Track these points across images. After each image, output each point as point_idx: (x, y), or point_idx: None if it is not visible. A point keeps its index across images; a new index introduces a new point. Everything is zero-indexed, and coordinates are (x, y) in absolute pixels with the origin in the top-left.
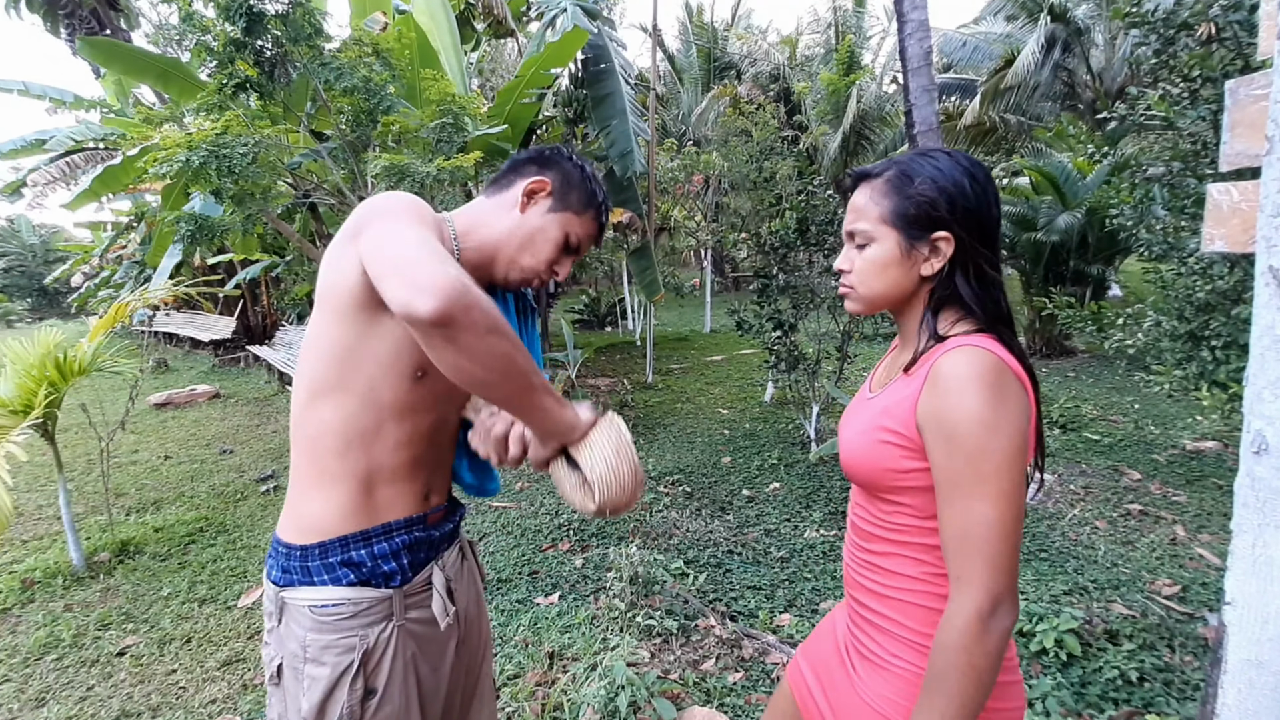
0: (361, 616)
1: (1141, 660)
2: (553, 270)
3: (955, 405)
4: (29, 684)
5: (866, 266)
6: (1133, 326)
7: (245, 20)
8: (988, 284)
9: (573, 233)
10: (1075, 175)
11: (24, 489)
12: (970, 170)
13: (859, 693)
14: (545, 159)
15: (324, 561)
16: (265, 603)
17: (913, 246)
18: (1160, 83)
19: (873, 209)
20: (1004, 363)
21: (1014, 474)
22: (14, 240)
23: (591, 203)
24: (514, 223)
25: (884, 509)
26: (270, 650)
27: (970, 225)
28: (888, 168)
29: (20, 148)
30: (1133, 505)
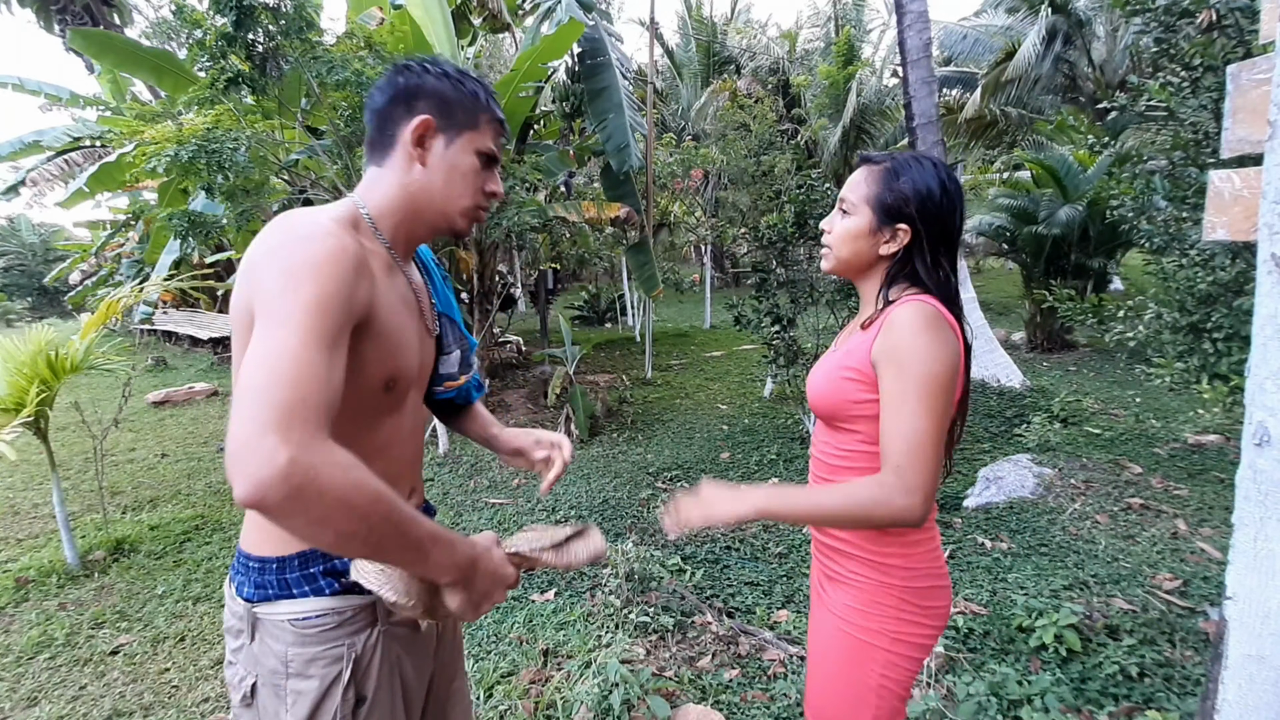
0: (347, 625)
1: (1142, 656)
2: (489, 194)
3: (905, 342)
4: (21, 683)
5: (842, 233)
6: (1133, 319)
7: (236, 13)
8: (941, 271)
9: (481, 148)
10: (1076, 168)
11: (20, 487)
12: (945, 182)
13: (826, 607)
14: (409, 93)
15: (304, 572)
16: (229, 620)
17: (879, 228)
18: (1161, 72)
19: (862, 188)
20: (942, 315)
21: (945, 398)
22: (13, 239)
23: (478, 105)
24: (422, 178)
25: (841, 438)
26: (239, 670)
27: (930, 224)
28: (886, 160)
29: (19, 149)
30: (1134, 499)
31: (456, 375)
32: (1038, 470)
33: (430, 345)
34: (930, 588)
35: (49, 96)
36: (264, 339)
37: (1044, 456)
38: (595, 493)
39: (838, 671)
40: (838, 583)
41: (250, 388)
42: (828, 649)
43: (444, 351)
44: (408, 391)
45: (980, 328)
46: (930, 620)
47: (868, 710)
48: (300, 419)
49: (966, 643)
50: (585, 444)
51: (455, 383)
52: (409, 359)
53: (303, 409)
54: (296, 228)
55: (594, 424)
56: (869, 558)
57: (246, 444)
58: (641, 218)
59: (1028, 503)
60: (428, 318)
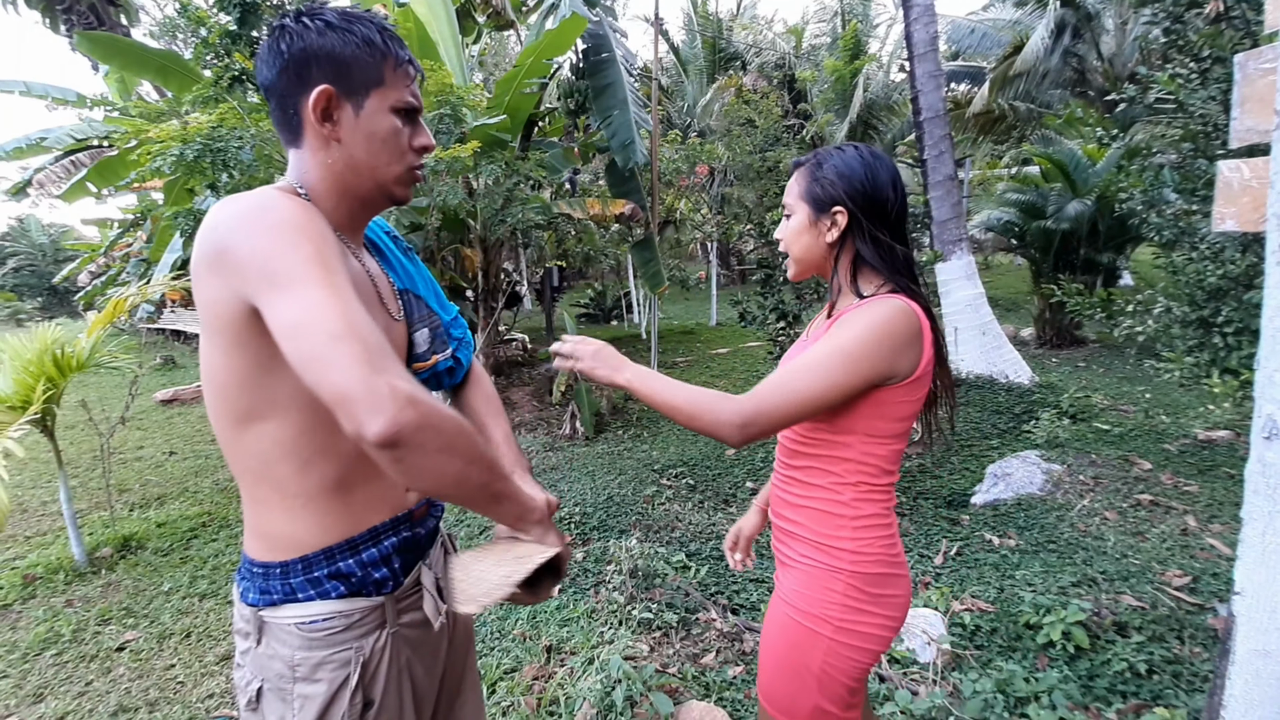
0: (355, 628)
1: (1151, 653)
2: (419, 150)
3: (849, 319)
4: (27, 679)
5: (790, 234)
6: (1143, 314)
7: (240, 11)
8: (882, 247)
9: (395, 101)
10: (1085, 162)
11: (28, 485)
12: (868, 161)
13: (778, 594)
14: (296, 61)
15: (308, 576)
16: (238, 623)
17: (817, 218)
18: (1170, 63)
19: (795, 188)
20: (910, 309)
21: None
22: (23, 240)
23: (375, 53)
24: (342, 154)
25: (803, 428)
26: (245, 673)
27: (862, 203)
28: (811, 158)
29: (24, 147)
30: (1143, 495)
31: (426, 355)
32: (1046, 467)
33: (399, 330)
34: (882, 575)
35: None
36: (292, 303)
37: (1053, 453)
38: (600, 490)
39: (783, 658)
40: (787, 567)
41: (326, 338)
42: (774, 634)
43: (411, 330)
44: None
45: (988, 324)
46: (881, 610)
47: (809, 699)
48: (388, 357)
49: (973, 639)
50: (590, 441)
51: (425, 364)
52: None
53: (381, 350)
54: (256, 198)
55: (599, 421)
56: (817, 540)
57: (364, 385)
58: (646, 214)
59: (1036, 499)
60: (389, 304)
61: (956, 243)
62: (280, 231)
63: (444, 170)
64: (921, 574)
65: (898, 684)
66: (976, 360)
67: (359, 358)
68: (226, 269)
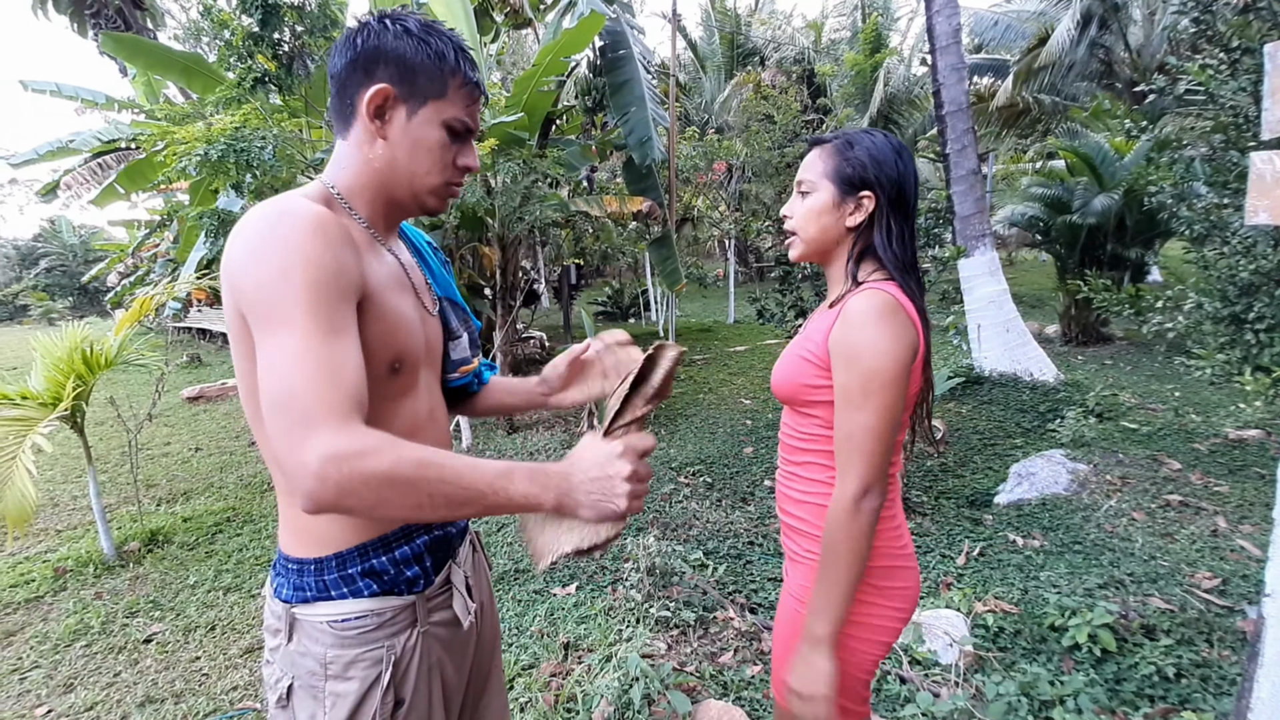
0: (387, 627)
1: (1179, 656)
2: (462, 168)
3: (857, 335)
4: (58, 670)
5: (806, 213)
6: (1172, 310)
7: (262, 13)
8: (896, 238)
9: (451, 118)
10: (1112, 156)
11: (59, 480)
12: (898, 149)
13: (786, 589)
14: (367, 56)
15: (342, 574)
16: (269, 619)
17: (843, 199)
18: (1200, 53)
19: (819, 165)
20: (899, 303)
21: (893, 392)
22: (55, 241)
23: (444, 68)
24: (386, 153)
25: (801, 422)
26: (275, 670)
27: (890, 190)
28: (836, 137)
29: (55, 150)
30: (1172, 496)
31: (469, 359)
32: (1072, 466)
33: (434, 325)
34: (889, 568)
35: (85, 101)
36: (267, 347)
37: (1078, 452)
38: None
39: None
40: (796, 563)
41: (271, 404)
42: (786, 632)
43: (453, 336)
44: (417, 373)
45: (1012, 321)
46: (890, 602)
47: None
48: (322, 419)
49: (996, 641)
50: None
51: (469, 367)
52: (412, 338)
53: (322, 408)
54: (267, 215)
55: None
56: (819, 534)
57: (286, 462)
58: (664, 212)
59: (1061, 499)
60: (424, 296)
61: (979, 238)
62: (278, 259)
63: None
64: (943, 574)
65: (919, 685)
66: (1000, 358)
67: (292, 430)
68: (234, 291)
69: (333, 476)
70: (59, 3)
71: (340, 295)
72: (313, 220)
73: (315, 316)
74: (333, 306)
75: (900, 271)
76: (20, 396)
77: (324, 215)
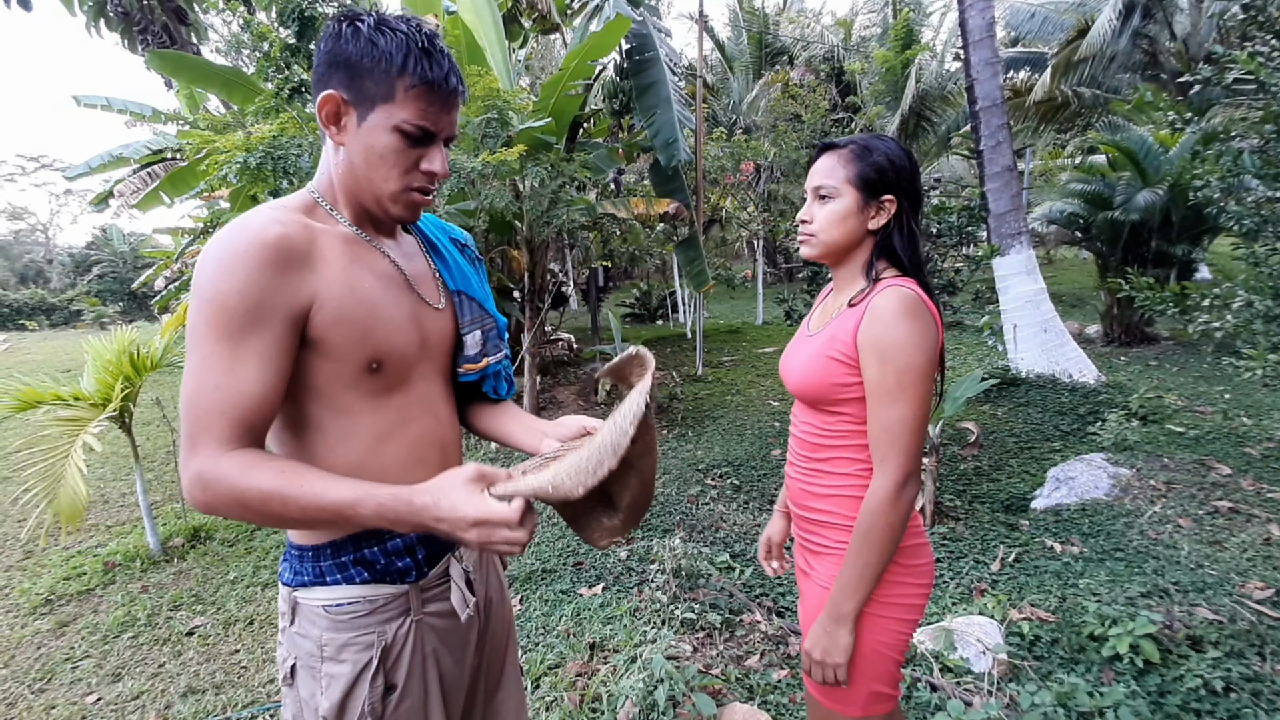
0: (379, 613)
1: (1228, 669)
2: (427, 174)
3: (887, 332)
4: (107, 660)
5: (829, 217)
6: (1221, 308)
7: (298, 25)
8: (910, 239)
9: (402, 122)
10: (1156, 149)
11: (109, 478)
12: (908, 153)
13: (814, 581)
14: (326, 62)
15: (335, 561)
16: (280, 603)
17: (866, 204)
18: (1250, 41)
19: (839, 171)
20: (921, 300)
21: (926, 385)
22: (106, 248)
23: (392, 70)
24: (345, 160)
25: (828, 420)
26: (283, 651)
27: (908, 192)
28: (851, 142)
29: (107, 162)
30: (1221, 502)
31: (476, 358)
32: (1113, 470)
33: (438, 320)
34: (914, 546)
35: (134, 114)
36: (186, 361)
37: (1120, 456)
38: None
39: None
40: (822, 555)
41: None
42: None
43: (462, 331)
44: (409, 369)
45: (1050, 320)
46: (916, 579)
47: (864, 685)
48: (200, 442)
49: (1032, 650)
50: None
51: (475, 365)
52: (395, 336)
53: (201, 432)
54: (225, 231)
55: None
56: (850, 525)
57: (181, 469)
58: (691, 213)
59: (1102, 505)
60: (425, 291)
61: (1015, 236)
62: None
63: (491, 174)
64: (976, 580)
65: (950, 693)
66: (1037, 359)
67: (181, 445)
68: None
69: (198, 497)
70: (110, 21)
71: (255, 321)
72: (246, 245)
73: (219, 344)
74: (242, 333)
75: (916, 270)
76: (73, 398)
77: (267, 239)
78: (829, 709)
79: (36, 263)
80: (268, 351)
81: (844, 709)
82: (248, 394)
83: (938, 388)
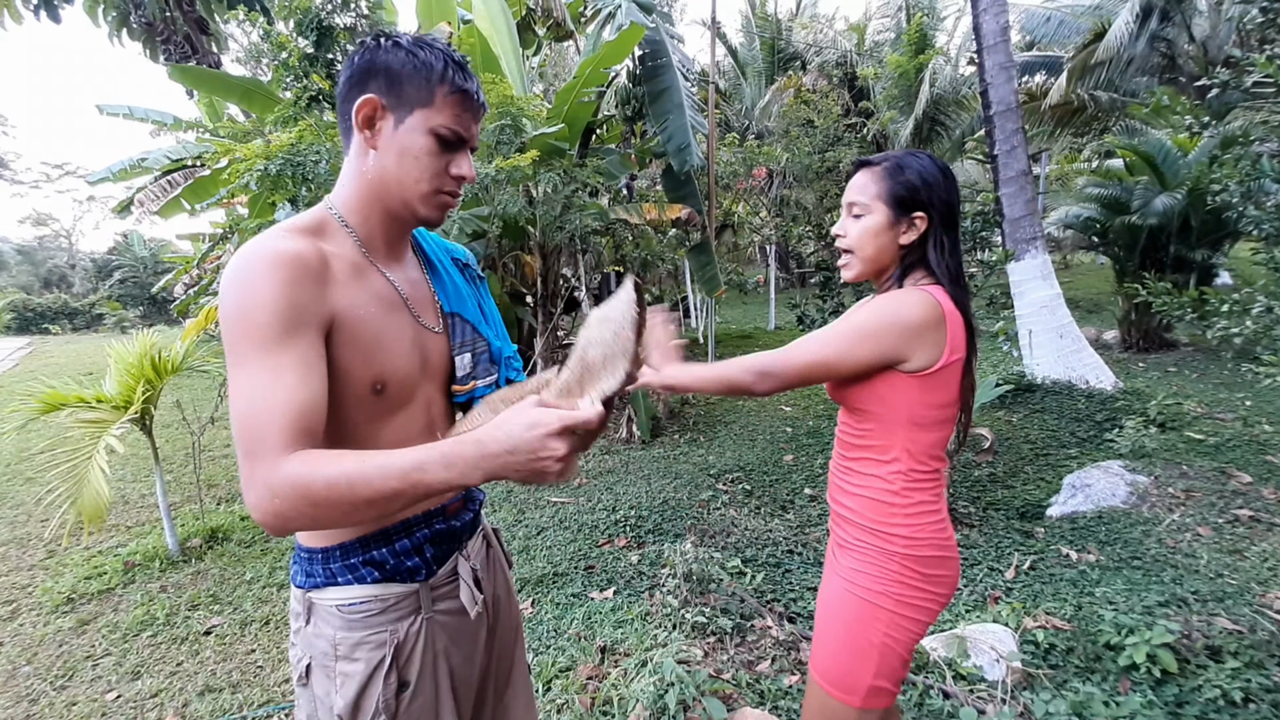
0: (390, 612)
1: (1248, 680)
2: (456, 178)
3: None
4: (127, 658)
5: (861, 233)
6: (1240, 314)
7: (316, 34)
8: (948, 252)
9: (439, 126)
10: (1175, 153)
11: (130, 479)
12: (944, 170)
13: (835, 571)
14: (361, 72)
15: (345, 562)
16: (292, 604)
17: (897, 220)
18: (1269, 44)
19: (871, 188)
20: (932, 299)
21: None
22: (127, 254)
23: (432, 78)
24: (377, 163)
25: (858, 421)
26: (297, 651)
27: (941, 209)
28: (885, 160)
29: (128, 168)
30: (1241, 511)
31: (464, 380)
32: (1131, 478)
33: (436, 343)
34: (934, 557)
35: (155, 122)
36: (229, 382)
37: (1138, 463)
38: (655, 493)
39: (843, 630)
40: (846, 549)
41: (235, 435)
42: (835, 609)
43: (453, 353)
44: (413, 390)
45: (1066, 326)
46: (933, 588)
47: (870, 666)
48: (258, 453)
49: (1047, 658)
50: (647, 445)
51: (463, 387)
52: (397, 359)
53: (257, 443)
54: (238, 257)
55: (655, 425)
56: (873, 526)
57: (245, 484)
58: (703, 219)
59: (1119, 512)
60: (424, 313)
61: (1030, 241)
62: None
63: (504, 179)
64: (991, 588)
65: (963, 701)
66: (1053, 365)
67: (241, 464)
68: None
69: (269, 507)
70: (133, 31)
71: (287, 331)
72: (271, 261)
73: (257, 357)
74: (278, 344)
75: (952, 282)
76: (95, 400)
77: (285, 255)
78: (831, 696)
79: (60, 268)
80: (306, 357)
81: (847, 698)
82: (296, 400)
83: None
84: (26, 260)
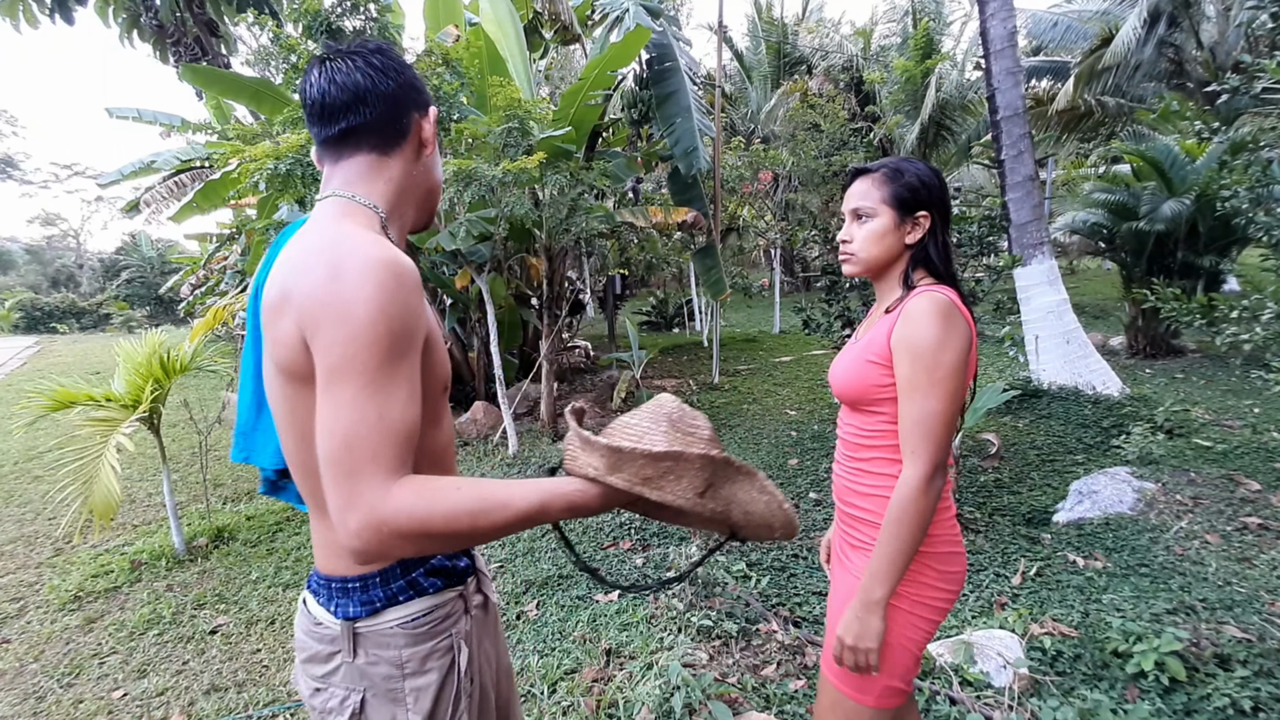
0: (450, 617)
1: (1257, 688)
2: None
3: (918, 330)
4: (133, 656)
5: (868, 236)
6: (1249, 320)
7: (326, 36)
8: (944, 250)
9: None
10: (1183, 159)
11: (137, 478)
12: (936, 173)
13: (849, 572)
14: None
15: (408, 578)
16: (313, 646)
17: (902, 221)
18: (1278, 49)
19: (874, 193)
20: (954, 303)
21: (956, 381)
22: (135, 254)
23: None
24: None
25: (867, 421)
26: (338, 690)
27: (939, 207)
28: (882, 166)
29: (137, 169)
30: (1250, 518)
31: None
32: (1138, 484)
33: None
34: (947, 554)
35: (164, 125)
36: (334, 395)
37: (1145, 470)
38: None
39: None
40: (860, 549)
41: (325, 460)
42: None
43: None
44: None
45: (1073, 332)
46: (946, 584)
47: (887, 671)
48: (365, 475)
49: (1054, 665)
50: None
51: None
52: (447, 361)
53: (367, 463)
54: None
55: None
56: None
57: (337, 523)
58: (709, 222)
59: (1126, 519)
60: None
61: (1037, 246)
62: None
63: (511, 182)
64: (997, 594)
65: (970, 707)
66: (1059, 370)
67: (337, 490)
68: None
69: (374, 538)
70: (143, 33)
71: (411, 347)
72: (398, 272)
73: (378, 371)
74: (402, 361)
75: (950, 279)
76: (105, 399)
77: (406, 264)
78: (845, 696)
79: (68, 267)
80: (414, 376)
81: (861, 698)
82: (407, 420)
83: (969, 392)
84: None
